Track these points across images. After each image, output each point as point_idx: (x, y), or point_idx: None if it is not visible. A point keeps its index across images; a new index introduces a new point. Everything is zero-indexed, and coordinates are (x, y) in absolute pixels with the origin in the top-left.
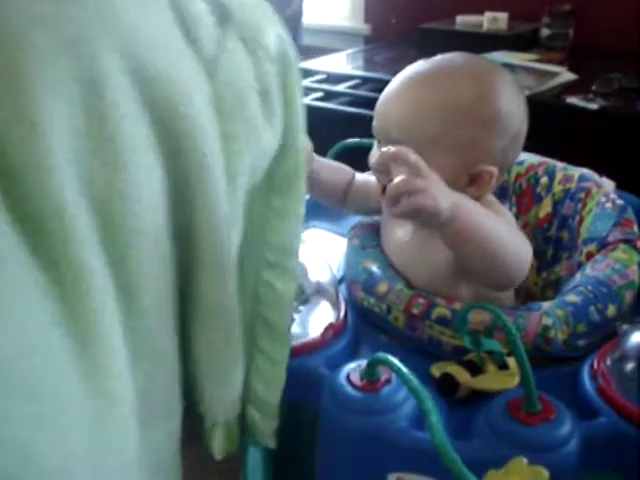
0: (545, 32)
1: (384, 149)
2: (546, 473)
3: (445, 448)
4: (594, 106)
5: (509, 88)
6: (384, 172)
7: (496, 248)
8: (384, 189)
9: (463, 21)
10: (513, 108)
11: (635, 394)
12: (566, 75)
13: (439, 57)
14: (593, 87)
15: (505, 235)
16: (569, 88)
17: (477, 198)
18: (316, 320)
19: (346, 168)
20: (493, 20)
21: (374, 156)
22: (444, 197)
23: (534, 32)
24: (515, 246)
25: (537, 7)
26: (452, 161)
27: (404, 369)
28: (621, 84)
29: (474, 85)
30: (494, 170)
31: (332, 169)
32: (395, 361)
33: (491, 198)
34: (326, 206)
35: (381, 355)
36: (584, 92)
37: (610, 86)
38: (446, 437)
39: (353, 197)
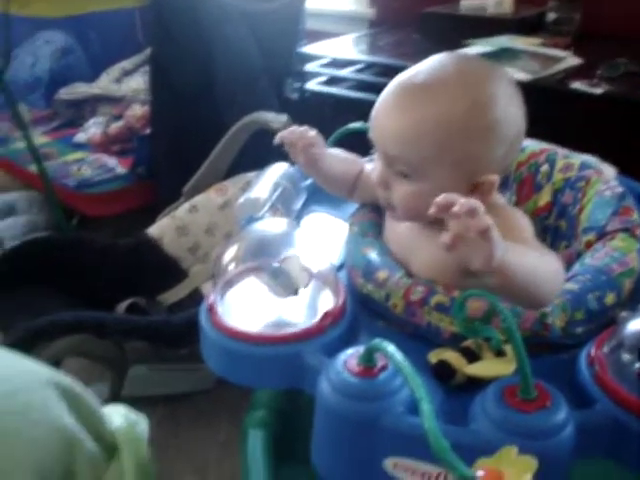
0: (551, 16)
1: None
2: (535, 463)
3: (436, 436)
4: (598, 91)
5: (504, 92)
6: (386, 188)
7: (535, 286)
8: (389, 206)
9: (467, 5)
10: (510, 113)
11: (631, 381)
12: (571, 60)
13: (431, 63)
14: (598, 72)
15: (541, 270)
16: (574, 73)
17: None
18: (315, 306)
19: (356, 160)
20: (498, 4)
21: (376, 170)
22: (500, 245)
23: (540, 16)
24: (550, 275)
25: None
26: (453, 175)
27: (399, 356)
28: (627, 69)
29: (469, 97)
30: (495, 178)
31: (343, 162)
32: (390, 348)
33: (500, 203)
34: (326, 190)
35: (377, 342)
36: (589, 77)
37: (615, 71)
38: (437, 425)
39: (361, 189)
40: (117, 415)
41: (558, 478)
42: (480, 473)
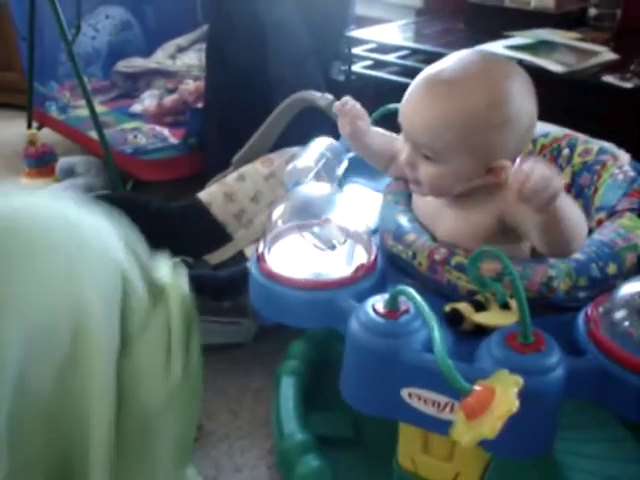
0: (593, 12)
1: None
2: (521, 381)
3: (442, 356)
4: (628, 85)
5: (520, 90)
6: (413, 168)
7: (573, 234)
8: (415, 184)
9: None
10: (524, 109)
11: (618, 337)
12: (607, 55)
13: (457, 62)
14: (632, 67)
15: (580, 223)
16: (608, 67)
17: (497, 184)
18: (350, 260)
19: (394, 139)
20: None
21: (404, 152)
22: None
23: (582, 11)
24: (581, 229)
25: None
26: (471, 161)
27: (419, 297)
28: None
29: (490, 94)
30: (507, 163)
31: (383, 139)
32: (413, 292)
33: None
34: (364, 164)
35: (401, 287)
36: (622, 72)
37: None
38: (444, 348)
39: (396, 164)
40: (164, 265)
41: (549, 413)
42: (476, 387)
